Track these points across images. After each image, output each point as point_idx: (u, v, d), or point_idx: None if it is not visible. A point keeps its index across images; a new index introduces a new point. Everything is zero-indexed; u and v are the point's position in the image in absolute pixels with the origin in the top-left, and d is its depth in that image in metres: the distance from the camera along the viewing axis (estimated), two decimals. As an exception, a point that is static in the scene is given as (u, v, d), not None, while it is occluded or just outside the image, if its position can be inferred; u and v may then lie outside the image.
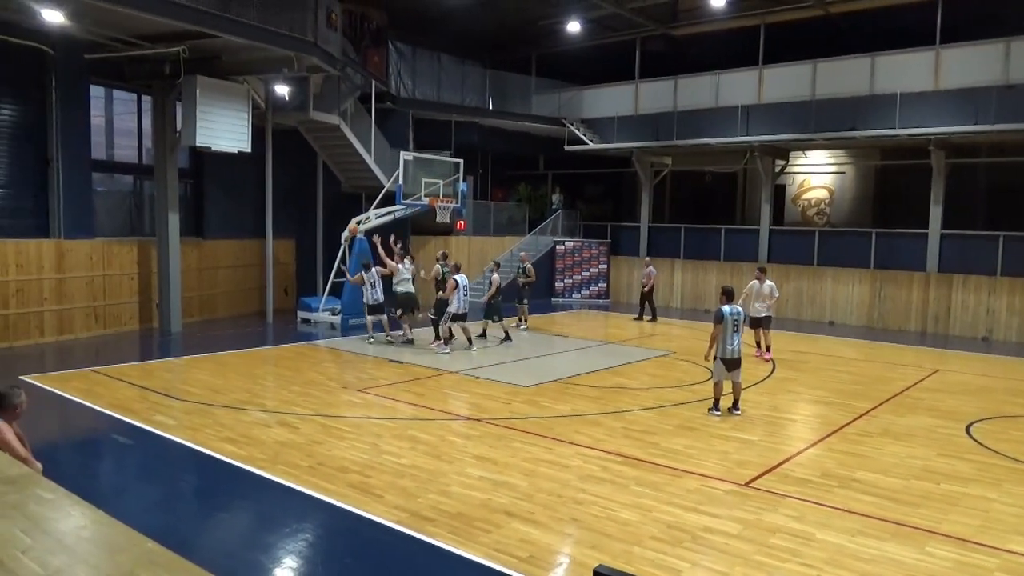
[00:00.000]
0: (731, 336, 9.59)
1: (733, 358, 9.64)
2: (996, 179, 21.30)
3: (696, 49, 23.89)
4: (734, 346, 9.62)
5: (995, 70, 17.30)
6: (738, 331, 9.68)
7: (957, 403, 11.01)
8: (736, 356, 9.67)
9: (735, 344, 9.64)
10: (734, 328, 9.58)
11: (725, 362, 9.65)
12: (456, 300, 13.69)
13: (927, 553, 5.78)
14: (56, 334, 14.30)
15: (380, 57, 21.02)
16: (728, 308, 9.64)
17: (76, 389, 10.49)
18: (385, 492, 6.83)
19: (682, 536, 5.99)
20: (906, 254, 19.58)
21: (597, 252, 24.59)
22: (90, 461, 8.21)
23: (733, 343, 9.60)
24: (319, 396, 10.49)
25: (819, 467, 7.86)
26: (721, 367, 9.71)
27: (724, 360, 9.64)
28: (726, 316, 9.54)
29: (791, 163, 23.46)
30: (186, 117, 14.65)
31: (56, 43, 13.83)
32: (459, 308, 13.75)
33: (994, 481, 7.55)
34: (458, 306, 13.73)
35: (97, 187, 15.98)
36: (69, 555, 2.15)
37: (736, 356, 9.67)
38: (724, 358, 9.63)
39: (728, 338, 9.58)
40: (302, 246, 20.58)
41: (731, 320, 9.55)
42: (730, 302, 9.80)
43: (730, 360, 9.63)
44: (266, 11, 13.81)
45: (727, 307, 9.66)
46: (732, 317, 9.58)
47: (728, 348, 9.60)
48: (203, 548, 5.87)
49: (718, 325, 9.61)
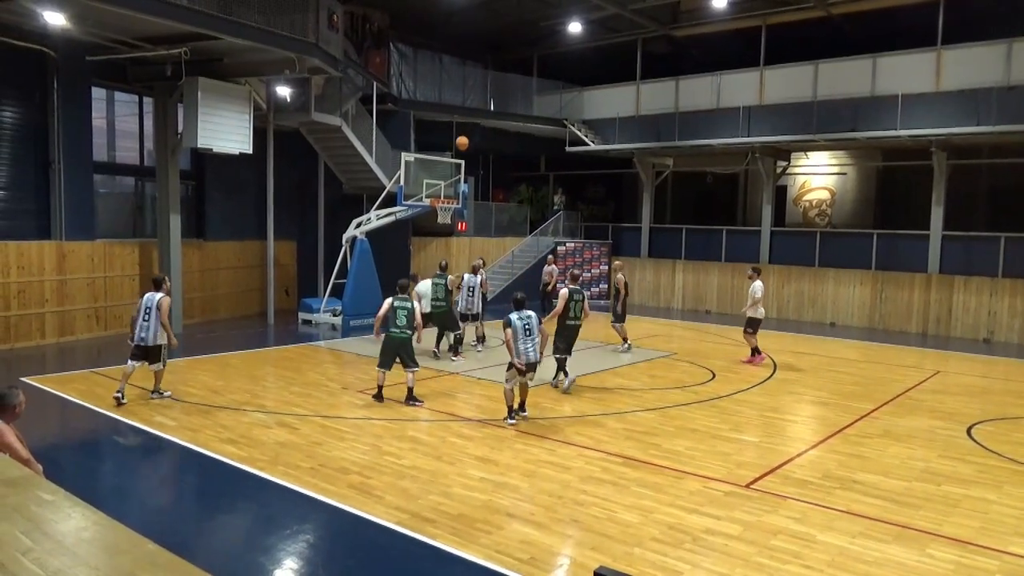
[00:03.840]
0: (523, 339, 9.30)
1: (529, 363, 9.32)
2: (997, 180, 21.30)
3: (697, 50, 23.90)
4: (526, 348, 9.29)
5: (996, 71, 17.29)
6: (531, 335, 9.34)
7: (958, 405, 11.00)
8: (532, 360, 9.33)
9: (528, 347, 9.29)
10: (526, 333, 9.30)
11: (520, 368, 9.26)
12: (461, 300, 14.03)
13: (928, 555, 5.77)
14: (57, 335, 14.32)
15: (381, 58, 21.06)
16: (516, 315, 9.41)
17: (77, 391, 10.50)
18: (386, 493, 6.83)
19: (683, 538, 5.99)
20: (907, 255, 19.57)
21: (598, 253, 24.60)
22: (91, 462, 8.22)
23: (527, 346, 9.29)
24: (320, 397, 10.49)
25: (820, 469, 7.85)
26: (514, 372, 9.31)
27: (518, 367, 9.24)
28: (514, 322, 9.31)
29: (792, 164, 23.46)
30: (188, 119, 14.67)
31: (58, 45, 13.85)
32: (465, 308, 14.02)
33: (995, 483, 7.54)
34: (464, 306, 14.01)
35: (99, 189, 16.00)
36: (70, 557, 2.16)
37: (532, 360, 9.33)
38: (517, 364, 9.22)
39: (521, 342, 9.27)
40: (303, 247, 20.61)
41: (521, 326, 9.31)
42: (519, 310, 9.50)
43: (527, 364, 9.32)
44: (268, 13, 13.83)
45: (514, 314, 9.41)
46: (522, 323, 9.34)
47: (522, 351, 9.26)
48: (204, 550, 5.87)
49: (507, 330, 9.32)
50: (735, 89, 21.42)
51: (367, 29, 20.37)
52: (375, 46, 20.68)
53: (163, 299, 9.81)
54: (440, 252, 21.70)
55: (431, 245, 21.55)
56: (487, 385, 11.52)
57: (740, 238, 23.01)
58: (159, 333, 9.82)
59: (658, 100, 22.94)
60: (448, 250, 21.92)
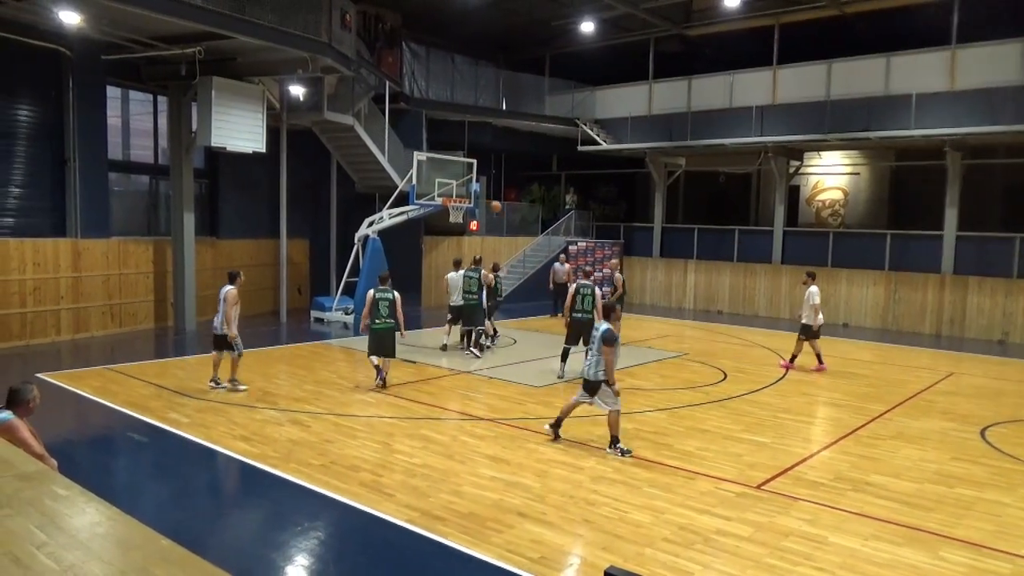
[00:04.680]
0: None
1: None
2: (1013, 180, 21.09)
3: (710, 49, 23.81)
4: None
5: (1012, 70, 17.13)
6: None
7: (972, 406, 10.91)
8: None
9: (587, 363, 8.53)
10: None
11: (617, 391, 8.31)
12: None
13: (941, 558, 5.73)
14: (72, 332, 14.44)
15: (394, 58, 21.10)
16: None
17: (91, 387, 10.59)
18: (397, 491, 6.86)
19: (694, 538, 5.97)
20: (921, 256, 19.42)
21: (610, 253, 24.56)
22: (105, 458, 8.29)
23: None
24: (332, 395, 10.53)
25: (832, 470, 7.81)
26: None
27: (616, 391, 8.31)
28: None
29: (805, 164, 23.33)
30: (201, 117, 14.77)
31: (73, 44, 13.96)
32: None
33: (1009, 486, 7.48)
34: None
35: (113, 187, 16.13)
36: (83, 551, 2.18)
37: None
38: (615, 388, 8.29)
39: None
40: (316, 246, 20.68)
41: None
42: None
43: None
44: (281, 13, 13.90)
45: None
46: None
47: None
48: (216, 546, 5.91)
49: (613, 347, 8.28)
50: (748, 88, 21.32)
51: (379, 28, 20.43)
52: (387, 45, 20.73)
53: (229, 291, 10.25)
54: (452, 251, 21.69)
55: (443, 244, 21.58)
56: (499, 384, 11.53)
57: (752, 238, 22.91)
58: (225, 323, 10.27)
59: (670, 99, 22.87)
60: (460, 249, 21.93)
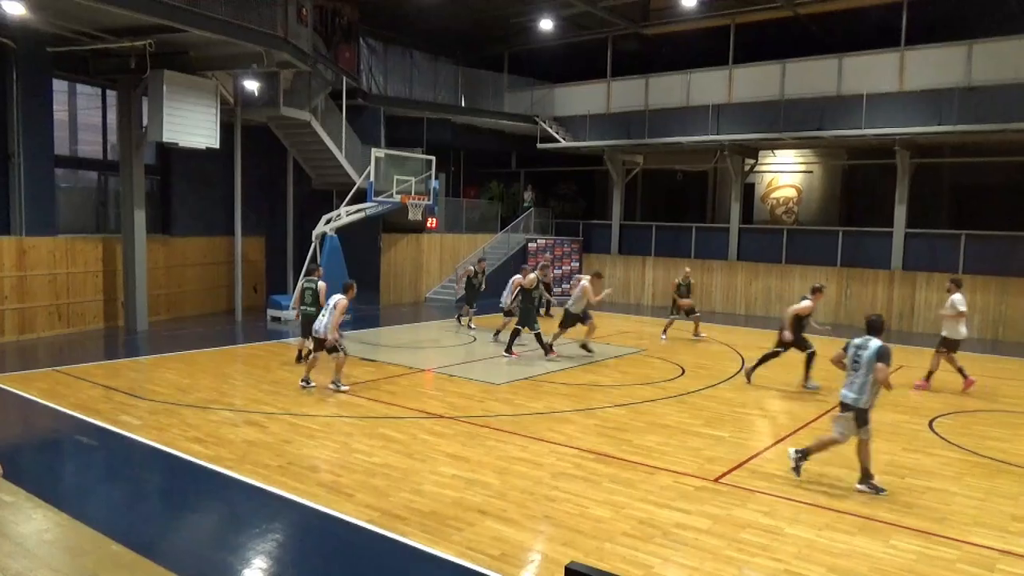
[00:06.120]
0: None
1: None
2: (959, 179, 21.77)
3: (667, 48, 24.06)
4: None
5: (958, 72, 17.65)
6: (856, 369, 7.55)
7: (921, 398, 11.24)
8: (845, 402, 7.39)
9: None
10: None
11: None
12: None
13: (892, 546, 5.88)
14: (17, 333, 13.99)
15: (351, 53, 20.87)
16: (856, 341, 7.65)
17: (39, 389, 10.27)
18: (356, 491, 6.79)
19: (654, 532, 6.03)
20: (872, 252, 19.92)
21: (569, 250, 24.68)
22: (53, 463, 8.02)
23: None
24: (289, 395, 10.38)
25: (788, 462, 7.94)
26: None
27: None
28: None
29: (760, 162, 23.74)
30: (153, 112, 14.40)
31: (17, 35, 13.52)
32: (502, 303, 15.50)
33: (955, 475, 7.71)
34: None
35: (60, 183, 15.66)
36: (30, 559, 2.11)
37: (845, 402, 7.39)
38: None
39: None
40: (272, 243, 20.36)
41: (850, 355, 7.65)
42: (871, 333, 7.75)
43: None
44: (235, 5, 13.63)
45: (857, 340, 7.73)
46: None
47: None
48: (169, 550, 5.76)
49: (886, 365, 7.23)
50: (704, 87, 21.60)
51: (336, 23, 20.18)
52: (345, 40, 20.49)
53: (341, 300, 10.61)
54: (411, 249, 21.61)
55: (401, 242, 21.44)
56: (460, 382, 11.50)
57: (709, 235, 23.24)
58: (331, 328, 10.49)
59: (628, 98, 23.06)
60: (419, 247, 21.83)
